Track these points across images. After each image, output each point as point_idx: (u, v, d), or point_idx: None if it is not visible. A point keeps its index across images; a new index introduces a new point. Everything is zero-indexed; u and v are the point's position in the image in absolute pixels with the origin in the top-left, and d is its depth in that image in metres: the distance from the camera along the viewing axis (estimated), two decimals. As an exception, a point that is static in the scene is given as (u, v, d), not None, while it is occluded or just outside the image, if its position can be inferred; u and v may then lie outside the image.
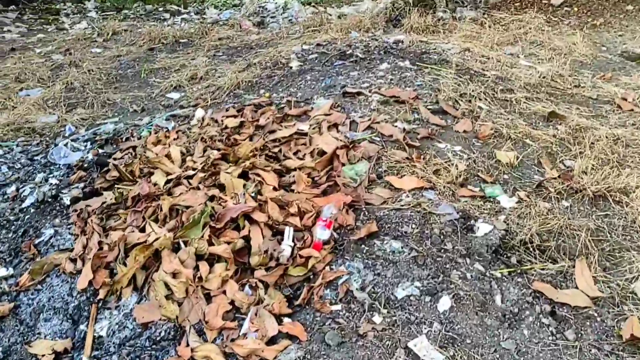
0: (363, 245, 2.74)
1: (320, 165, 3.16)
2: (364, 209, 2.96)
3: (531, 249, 2.76)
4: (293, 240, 2.68)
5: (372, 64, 4.92)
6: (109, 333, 2.35)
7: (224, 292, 2.41)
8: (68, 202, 3.17)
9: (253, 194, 2.87)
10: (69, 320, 2.50)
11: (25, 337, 2.54)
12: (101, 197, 3.06)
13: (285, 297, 2.46)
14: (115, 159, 3.52)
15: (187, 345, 2.21)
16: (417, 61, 4.97)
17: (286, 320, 2.34)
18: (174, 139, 3.58)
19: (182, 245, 2.53)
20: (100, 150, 3.97)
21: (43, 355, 2.32)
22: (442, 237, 2.79)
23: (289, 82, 4.81)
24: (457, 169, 3.22)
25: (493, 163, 3.40)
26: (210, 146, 3.33)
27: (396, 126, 3.67)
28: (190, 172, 3.00)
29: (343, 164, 3.18)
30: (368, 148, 3.38)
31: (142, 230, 2.66)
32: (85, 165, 3.65)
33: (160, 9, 10.93)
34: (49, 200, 3.33)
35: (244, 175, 3.02)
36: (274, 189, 2.92)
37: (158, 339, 2.34)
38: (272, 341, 2.24)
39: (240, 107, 4.10)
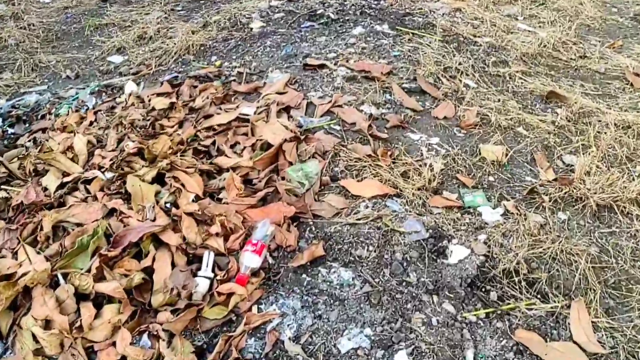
0: (304, 275, 2.19)
1: (261, 163, 2.57)
2: (310, 223, 2.40)
3: (516, 281, 2.21)
4: (213, 270, 2.12)
5: (344, 27, 4.23)
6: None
7: (114, 345, 1.86)
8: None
9: (167, 206, 2.29)
10: None
11: None
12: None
13: (196, 349, 1.91)
14: (14, 146, 2.90)
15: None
16: (397, 25, 4.29)
17: (192, 385, 1.82)
18: (89, 123, 2.95)
19: (61, 280, 1.96)
20: (10, 130, 3.34)
21: None
22: (405, 264, 2.24)
23: (245, 47, 4.14)
24: (431, 170, 2.64)
25: (477, 161, 2.82)
26: (128, 135, 2.71)
27: (362, 111, 3.06)
28: (93, 174, 2.40)
29: (290, 163, 2.58)
30: (324, 140, 2.78)
31: (17, 255, 2.09)
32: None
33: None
34: None
35: (160, 179, 2.42)
36: (196, 198, 2.33)
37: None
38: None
39: (178, 82, 3.45)
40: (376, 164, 2.67)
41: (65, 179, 2.40)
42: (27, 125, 3.36)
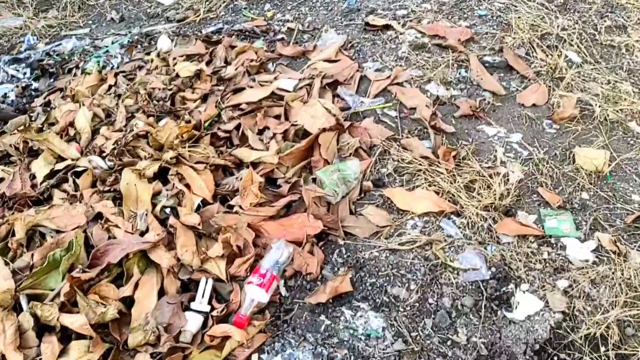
0: (322, 317, 1.77)
1: (289, 159, 2.11)
2: (341, 243, 1.95)
3: (602, 353, 1.68)
4: (211, 301, 1.74)
5: (422, -26, 3.54)
6: None
7: (81, 391, 1.55)
8: None
9: (167, 211, 1.90)
10: None
11: None
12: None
13: (177, 405, 1.57)
14: (24, 111, 2.60)
15: None
16: (489, -28, 3.53)
17: None
18: (108, 88, 2.59)
19: (24, 305, 1.65)
20: (34, 85, 3.06)
21: None
22: (453, 314, 1.76)
23: (304, -5, 3.57)
24: (505, 182, 2.07)
25: (568, 170, 2.20)
26: (143, 109, 2.32)
27: (427, 91, 2.48)
28: (89, 161, 2.04)
29: (326, 161, 2.10)
30: (372, 131, 2.27)
31: None
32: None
33: None
34: None
35: (164, 174, 2.03)
36: (203, 203, 1.93)
37: None
38: None
39: (218, 38, 2.98)
40: (434, 168, 2.13)
41: (58, 166, 2.06)
42: (52, 79, 3.06)
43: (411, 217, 2.01)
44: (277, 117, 2.32)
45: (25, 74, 3.25)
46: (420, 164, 2.15)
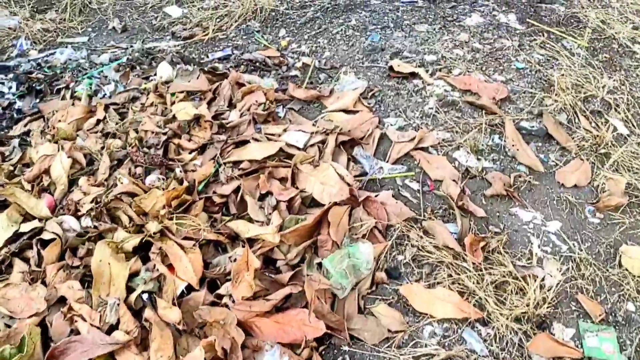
0: None
1: (293, 237, 1.83)
2: (345, 350, 1.67)
3: None
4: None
5: (455, 12, 3.27)
6: None
7: None
8: None
9: (145, 298, 1.63)
10: None
11: None
12: None
13: None
14: (0, 139, 2.33)
15: None
16: (528, 16, 3.26)
17: None
18: (96, 122, 2.32)
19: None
20: (18, 104, 2.79)
21: None
22: None
23: (324, 23, 3.30)
24: (540, 287, 1.80)
25: (613, 273, 1.92)
26: (132, 157, 2.05)
27: (454, 160, 2.21)
28: (60, 223, 1.77)
29: (335, 244, 1.83)
30: (390, 208, 2.00)
31: None
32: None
33: None
34: None
35: (145, 248, 1.76)
36: (187, 290, 1.66)
37: None
38: None
39: (223, 70, 2.71)
40: (459, 262, 1.85)
41: (23, 227, 1.79)
42: (37, 100, 2.79)
43: (429, 321, 1.74)
44: (283, 180, 2.05)
45: (10, 88, 2.98)
46: (444, 254, 1.88)
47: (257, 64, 2.93)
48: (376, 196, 2.03)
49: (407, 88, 2.59)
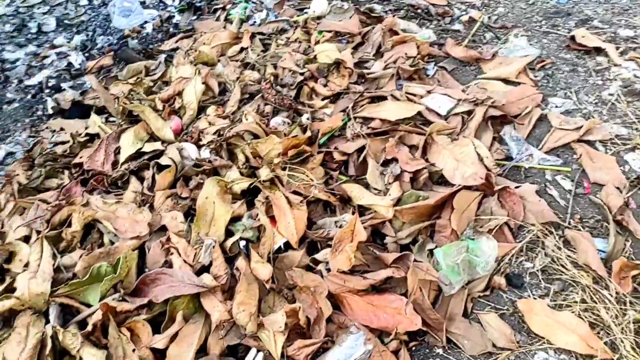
0: None
1: (409, 215, 1.67)
2: (439, 352, 1.51)
3: None
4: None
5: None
6: None
7: None
8: (50, 109, 2.24)
9: (242, 245, 1.59)
10: None
11: None
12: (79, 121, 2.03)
13: None
14: (149, 54, 2.38)
15: None
16: None
17: None
18: (239, 50, 2.28)
19: (52, 314, 1.46)
20: (176, 18, 2.85)
21: None
22: None
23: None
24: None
25: None
26: (264, 94, 1.98)
27: (626, 163, 1.84)
28: (178, 149, 1.77)
29: (455, 233, 1.63)
30: (530, 205, 1.73)
31: (27, 240, 1.63)
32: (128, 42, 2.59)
33: None
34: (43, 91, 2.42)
35: (253, 193, 1.70)
36: (285, 246, 1.58)
37: None
38: None
39: (377, 12, 2.51)
40: (599, 288, 1.56)
41: (146, 147, 1.82)
42: (195, 17, 2.82)
43: (545, 347, 1.49)
44: (413, 148, 1.85)
45: (165, 6, 3.05)
46: (580, 275, 1.59)
47: (419, 10, 2.67)
48: (516, 188, 1.76)
49: (587, 65, 2.19)
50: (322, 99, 2.01)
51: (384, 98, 2.00)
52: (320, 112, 1.97)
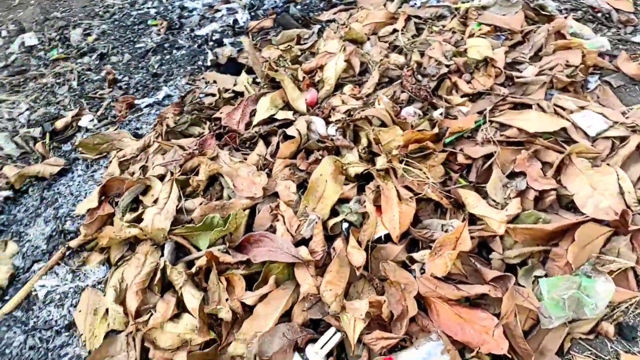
0: None
1: (523, 235, 1.58)
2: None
3: None
4: (328, 357, 1.49)
5: None
6: (45, 299, 1.79)
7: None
8: (209, 61, 2.43)
9: (344, 227, 1.63)
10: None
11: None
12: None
13: None
14: (303, 23, 2.45)
15: None
16: None
17: None
18: (391, 32, 2.26)
19: (167, 250, 1.62)
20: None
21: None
22: None
23: None
24: None
25: None
26: (402, 81, 1.97)
27: None
28: (303, 124, 1.83)
29: (569, 265, 1.52)
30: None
31: (162, 178, 1.81)
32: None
33: None
34: (207, 43, 2.61)
35: (367, 178, 1.72)
36: (386, 238, 1.59)
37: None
38: None
39: (548, 11, 2.33)
40: None
41: (279, 114, 1.90)
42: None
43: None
44: (547, 165, 1.73)
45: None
46: None
47: (599, 14, 2.43)
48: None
49: None
50: (462, 96, 1.94)
51: (528, 106, 1.87)
52: (456, 109, 1.90)
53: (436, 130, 1.76)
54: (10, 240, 2.01)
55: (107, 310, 1.64)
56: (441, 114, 1.87)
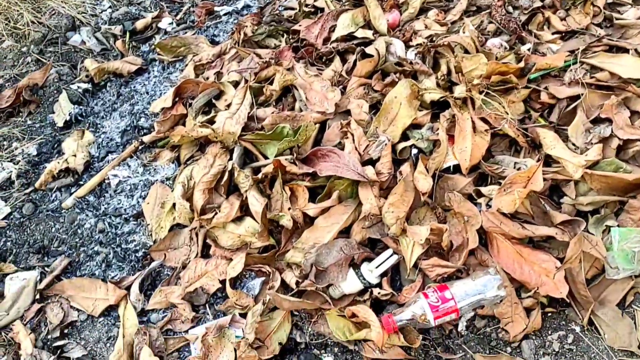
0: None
1: (600, 182, 1.51)
2: (572, 329, 1.42)
3: None
4: (382, 277, 1.49)
5: None
6: (117, 188, 1.85)
7: (229, 260, 1.59)
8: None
9: (409, 154, 1.59)
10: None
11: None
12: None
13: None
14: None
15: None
16: None
17: None
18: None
19: (236, 154, 1.64)
20: None
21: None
22: None
23: None
24: None
25: None
26: (491, 11, 1.85)
27: None
28: (382, 44, 1.76)
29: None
30: None
31: (236, 85, 1.80)
32: None
33: None
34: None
35: (443, 107, 1.65)
36: (452, 169, 1.55)
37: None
38: None
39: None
40: None
41: (358, 33, 1.83)
42: None
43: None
44: (636, 115, 1.61)
45: None
46: None
47: None
48: None
49: None
50: (553, 33, 1.81)
51: (624, 50, 1.73)
52: (545, 46, 1.78)
53: (522, 64, 1.66)
54: (87, 130, 2.07)
55: (174, 204, 1.69)
56: (529, 49, 1.76)
